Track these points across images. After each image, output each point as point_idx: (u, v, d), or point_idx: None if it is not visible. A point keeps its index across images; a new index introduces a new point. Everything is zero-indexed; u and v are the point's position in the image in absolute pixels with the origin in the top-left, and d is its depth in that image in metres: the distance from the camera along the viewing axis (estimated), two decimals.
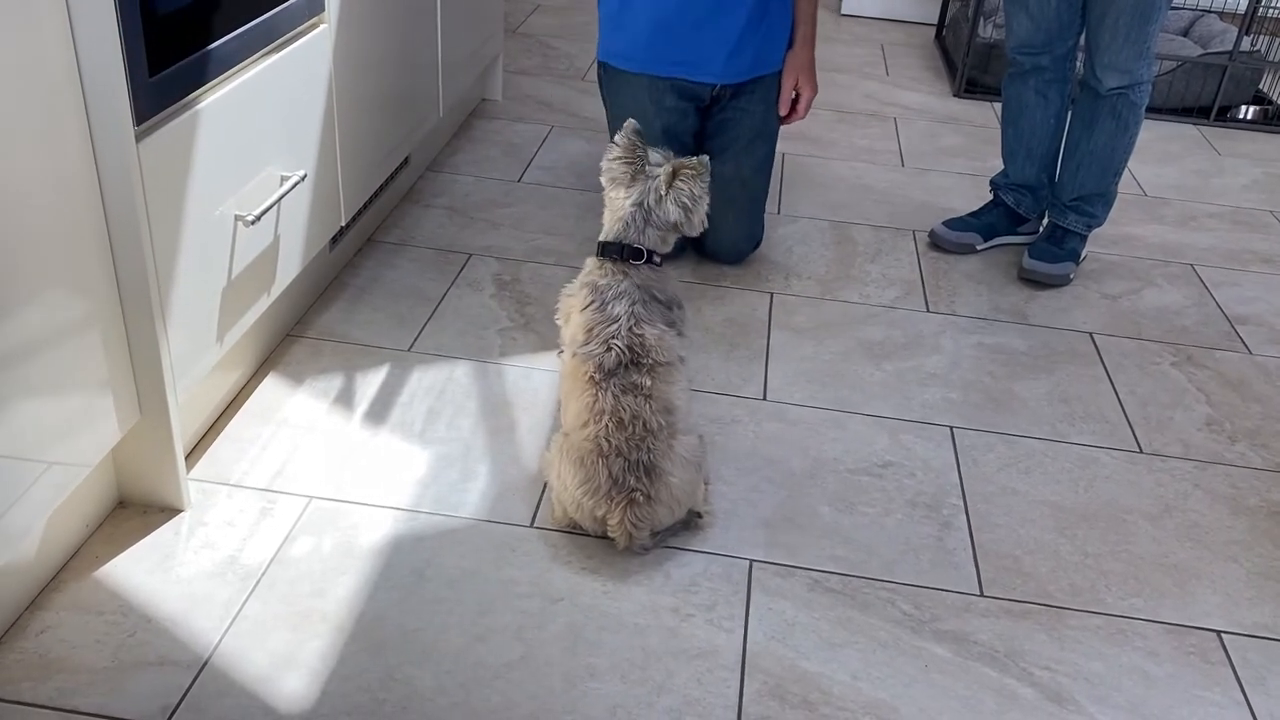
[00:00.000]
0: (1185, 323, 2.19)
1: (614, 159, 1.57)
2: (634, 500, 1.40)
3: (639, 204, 1.54)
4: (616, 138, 1.58)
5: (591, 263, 1.57)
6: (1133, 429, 1.84)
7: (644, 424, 1.41)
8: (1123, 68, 2.13)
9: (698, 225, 1.58)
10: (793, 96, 2.20)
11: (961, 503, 1.64)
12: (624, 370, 1.44)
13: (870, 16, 4.14)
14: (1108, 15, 2.09)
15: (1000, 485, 1.68)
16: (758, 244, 2.29)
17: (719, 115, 2.20)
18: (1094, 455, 1.77)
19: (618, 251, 1.54)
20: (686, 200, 1.55)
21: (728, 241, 2.22)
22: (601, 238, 1.58)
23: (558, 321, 1.61)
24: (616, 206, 1.56)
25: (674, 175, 1.53)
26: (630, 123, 1.58)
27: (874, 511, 1.60)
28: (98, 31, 1.17)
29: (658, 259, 1.56)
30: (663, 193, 1.54)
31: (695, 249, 2.24)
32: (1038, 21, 2.20)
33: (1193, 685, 1.36)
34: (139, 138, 1.26)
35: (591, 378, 1.44)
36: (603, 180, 1.59)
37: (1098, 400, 1.91)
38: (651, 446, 1.41)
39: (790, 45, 2.18)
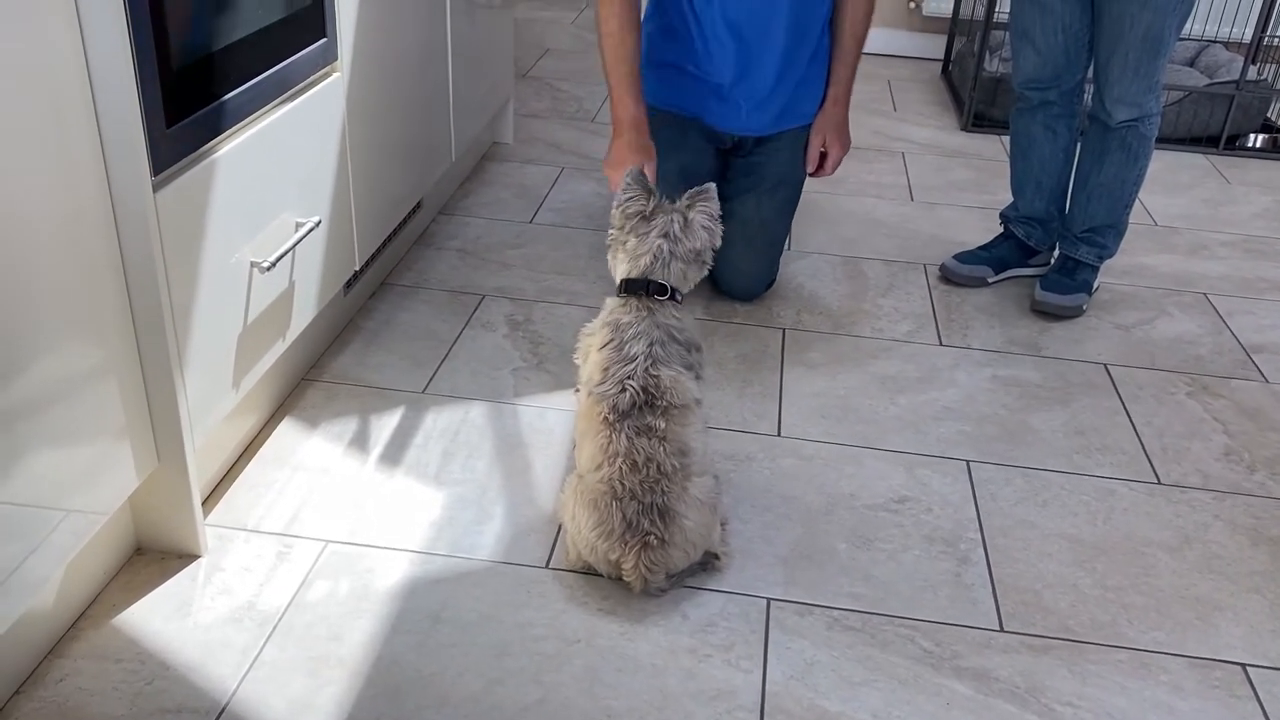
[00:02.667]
0: (1200, 352, 2.18)
1: (629, 198, 1.58)
2: (648, 544, 1.40)
3: (665, 234, 1.56)
4: (625, 179, 1.59)
5: (613, 302, 1.57)
6: (1150, 460, 1.83)
7: (658, 466, 1.41)
8: (1132, 101, 2.14)
9: (715, 249, 1.63)
10: (822, 152, 2.23)
11: (979, 537, 1.63)
12: (638, 412, 1.44)
13: (876, 53, 4.17)
14: (1117, 49, 2.10)
15: (1018, 519, 1.67)
16: (772, 284, 2.30)
17: (743, 159, 2.23)
18: (1112, 487, 1.76)
19: (643, 287, 1.55)
20: (709, 221, 1.59)
21: (743, 281, 2.23)
22: (624, 275, 1.58)
23: (577, 361, 1.61)
24: (638, 245, 1.57)
25: (691, 204, 1.59)
26: (632, 169, 1.61)
27: (891, 547, 1.60)
28: (116, 84, 1.19)
29: (679, 297, 1.57)
30: (688, 216, 1.57)
31: (711, 285, 2.24)
32: (1045, 56, 2.21)
33: None
34: (156, 187, 1.28)
35: (606, 418, 1.44)
36: (616, 224, 1.60)
37: (1114, 432, 1.91)
38: (666, 489, 1.41)
39: (823, 102, 2.20)
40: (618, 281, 1.60)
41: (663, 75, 2.19)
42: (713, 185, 1.61)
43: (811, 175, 2.25)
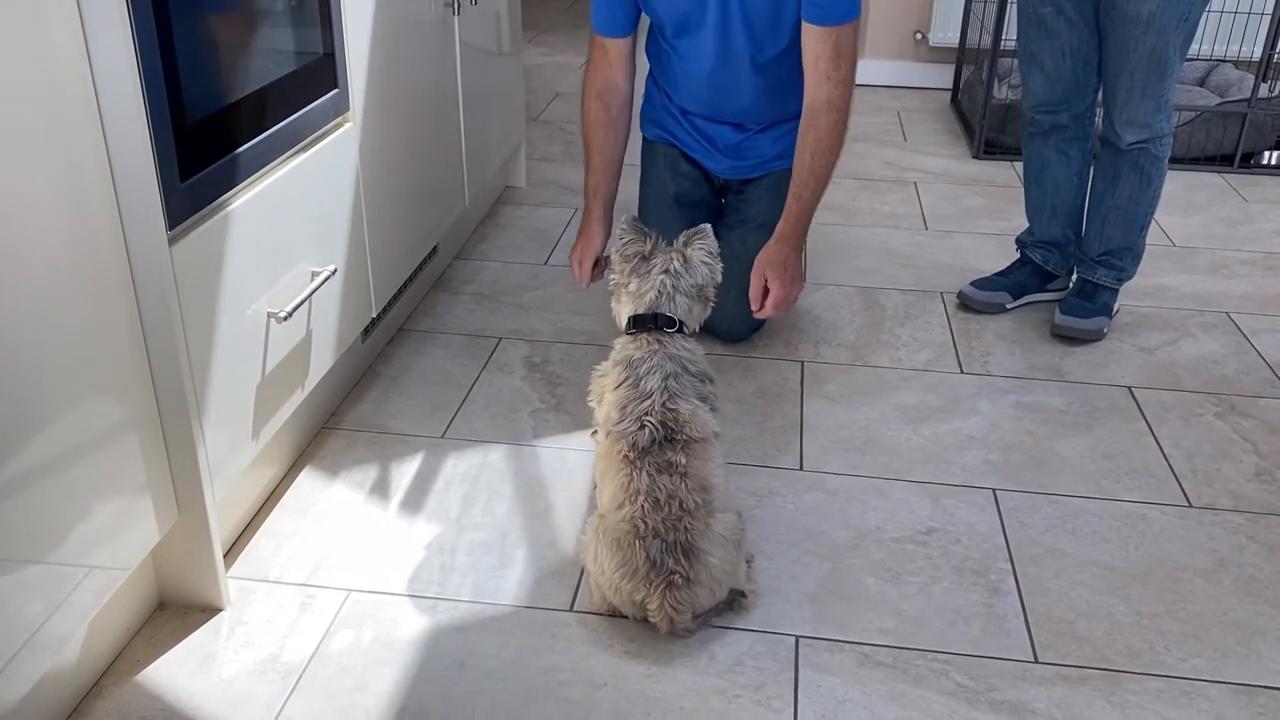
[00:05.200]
0: (1225, 371, 2.16)
1: (626, 241, 1.65)
2: (673, 583, 1.38)
3: (666, 271, 1.61)
4: (622, 225, 1.66)
5: (622, 340, 1.59)
6: (1180, 483, 1.80)
7: (680, 503, 1.40)
8: (1141, 122, 2.13)
9: (716, 284, 1.67)
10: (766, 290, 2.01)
11: (1009, 567, 1.60)
12: (658, 448, 1.43)
13: (885, 85, 4.18)
14: (1122, 71, 2.10)
15: (1048, 547, 1.64)
16: (758, 327, 2.24)
17: (732, 195, 2.24)
18: (1142, 512, 1.73)
19: (651, 320, 1.57)
20: (708, 257, 1.65)
21: (726, 319, 2.15)
22: (629, 314, 1.60)
23: (591, 404, 1.61)
24: (640, 284, 1.61)
25: (688, 242, 1.65)
26: (626, 216, 1.68)
27: (921, 580, 1.57)
28: (130, 140, 1.21)
29: (688, 330, 1.59)
30: (686, 254, 1.63)
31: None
32: (1054, 80, 2.21)
33: None
34: (172, 241, 1.29)
35: (626, 456, 1.43)
36: (616, 268, 1.66)
37: (1142, 455, 1.88)
38: (689, 526, 1.39)
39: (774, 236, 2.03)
40: (621, 324, 1.64)
41: (656, 106, 2.25)
42: (708, 226, 1.68)
43: (756, 314, 2.03)
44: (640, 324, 1.58)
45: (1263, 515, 1.72)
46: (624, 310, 1.64)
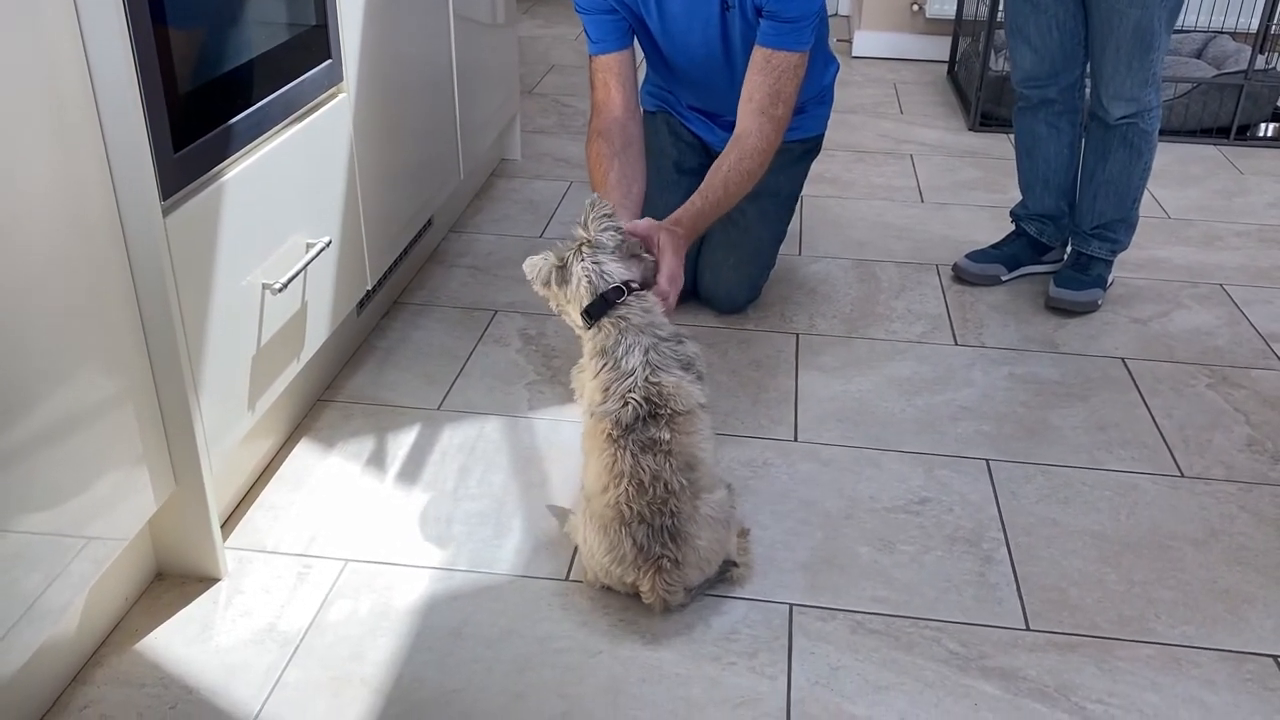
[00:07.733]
0: (1218, 343, 2.16)
1: (538, 267, 1.58)
2: (661, 567, 1.38)
3: (580, 257, 1.54)
4: (535, 268, 1.59)
5: (588, 335, 1.53)
6: (1172, 453, 1.81)
7: (665, 485, 1.38)
8: (1128, 96, 2.13)
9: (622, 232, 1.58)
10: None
11: (1002, 536, 1.61)
12: (642, 424, 1.40)
13: (881, 57, 4.17)
14: (1108, 46, 2.09)
15: (1040, 516, 1.66)
16: (754, 298, 2.25)
17: None
18: (1134, 481, 1.74)
19: (601, 303, 1.51)
20: (606, 222, 1.55)
21: (723, 287, 2.18)
22: (580, 310, 1.54)
23: (577, 399, 1.59)
24: (573, 287, 1.54)
25: (584, 222, 1.56)
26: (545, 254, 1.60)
27: (913, 549, 1.58)
28: (122, 111, 1.20)
29: (635, 285, 1.54)
30: (589, 237, 1.54)
31: (693, 294, 2.22)
32: (1041, 54, 2.21)
33: (1253, 713, 1.32)
34: (165, 212, 1.29)
35: (609, 434, 1.41)
36: (548, 295, 1.59)
37: (1134, 425, 1.89)
38: (675, 509, 1.38)
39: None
40: (579, 324, 1.55)
41: (656, 85, 2.30)
42: (593, 195, 1.60)
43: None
44: (594, 312, 1.51)
45: (1254, 485, 1.74)
46: (574, 312, 1.56)
